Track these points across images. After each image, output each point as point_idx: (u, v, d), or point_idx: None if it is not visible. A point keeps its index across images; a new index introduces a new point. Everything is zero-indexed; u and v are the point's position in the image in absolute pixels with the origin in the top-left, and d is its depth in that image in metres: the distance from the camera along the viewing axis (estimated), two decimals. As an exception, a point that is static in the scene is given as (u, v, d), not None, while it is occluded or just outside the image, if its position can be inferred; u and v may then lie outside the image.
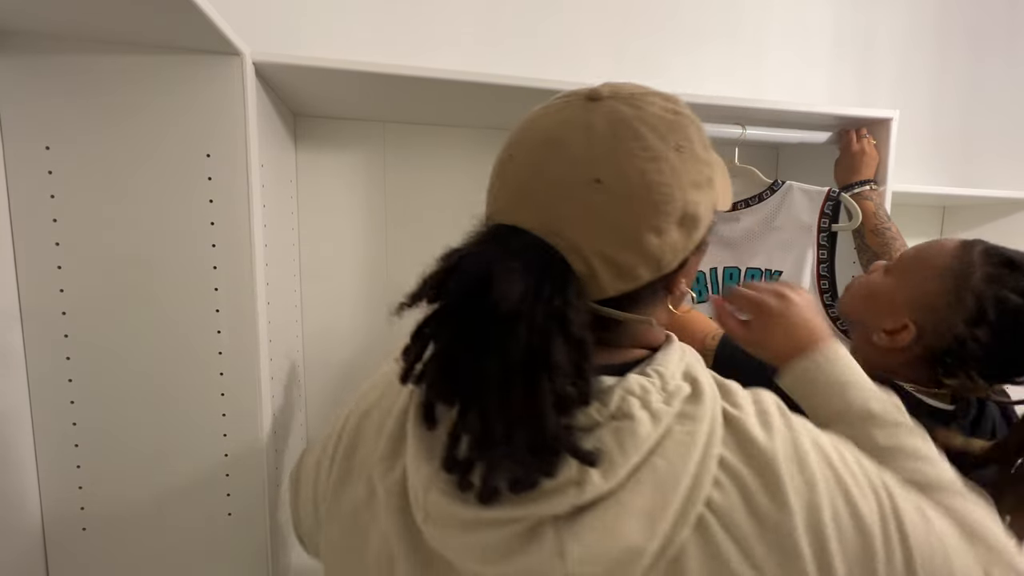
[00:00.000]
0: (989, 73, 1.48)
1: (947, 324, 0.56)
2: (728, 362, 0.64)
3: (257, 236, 0.69)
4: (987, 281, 0.55)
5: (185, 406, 0.69)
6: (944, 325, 0.56)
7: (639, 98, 0.38)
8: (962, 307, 0.55)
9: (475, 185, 1.17)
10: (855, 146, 0.98)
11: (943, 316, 0.56)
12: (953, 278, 0.57)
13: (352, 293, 1.06)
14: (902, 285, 0.61)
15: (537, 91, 0.82)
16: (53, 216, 0.64)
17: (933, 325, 0.57)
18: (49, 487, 0.67)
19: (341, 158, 1.03)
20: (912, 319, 0.58)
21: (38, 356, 0.65)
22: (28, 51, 0.60)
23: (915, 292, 0.59)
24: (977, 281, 0.55)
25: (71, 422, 0.67)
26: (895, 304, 0.60)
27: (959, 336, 0.55)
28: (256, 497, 0.72)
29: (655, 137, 0.36)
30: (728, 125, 0.97)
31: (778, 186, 0.94)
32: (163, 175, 0.65)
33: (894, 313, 0.59)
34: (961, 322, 0.55)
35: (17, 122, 0.62)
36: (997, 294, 0.54)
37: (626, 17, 1.15)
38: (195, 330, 0.68)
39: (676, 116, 0.38)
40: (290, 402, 0.93)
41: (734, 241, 0.97)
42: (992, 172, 1.51)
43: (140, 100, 0.64)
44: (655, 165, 0.35)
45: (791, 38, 1.27)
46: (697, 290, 1.00)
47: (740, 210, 0.97)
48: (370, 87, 0.81)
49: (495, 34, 1.08)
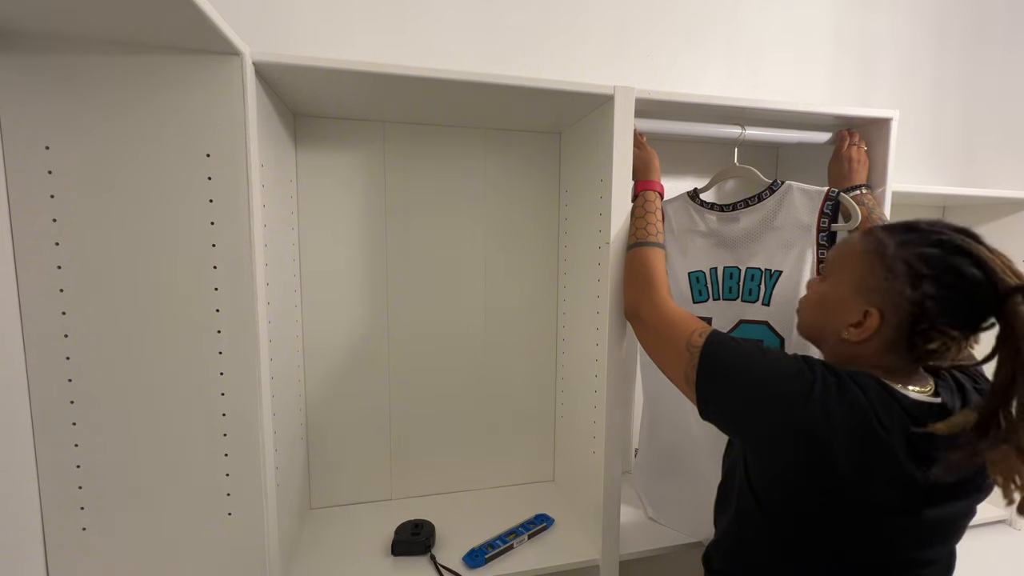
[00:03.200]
0: (989, 73, 1.48)
1: (898, 295, 0.59)
2: (714, 360, 0.65)
3: (257, 236, 0.69)
4: (902, 247, 0.60)
5: (185, 406, 0.69)
6: (896, 297, 0.59)
7: None
8: (898, 276, 0.59)
9: (475, 185, 1.19)
10: (845, 152, 0.99)
11: (889, 290, 0.60)
12: (876, 256, 0.62)
13: (352, 293, 1.06)
14: (841, 282, 0.65)
15: (537, 91, 0.82)
16: (53, 216, 0.64)
17: (887, 302, 0.60)
18: (49, 487, 0.67)
19: (341, 158, 1.03)
20: (869, 305, 0.61)
21: (38, 356, 0.65)
22: (28, 51, 0.61)
23: (855, 282, 0.63)
24: (895, 250, 0.60)
25: (71, 422, 0.67)
26: (845, 299, 0.63)
27: (913, 300, 0.58)
28: (256, 497, 0.72)
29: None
30: (728, 125, 0.97)
31: (777, 186, 0.94)
32: (163, 175, 0.66)
33: (849, 307, 0.63)
34: (907, 288, 0.59)
35: (17, 122, 0.62)
36: (916, 252, 0.59)
37: (626, 17, 1.15)
38: (195, 330, 0.68)
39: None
40: (290, 402, 0.93)
41: (734, 241, 0.97)
42: (992, 172, 1.51)
43: (140, 100, 0.64)
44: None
45: (791, 38, 1.27)
46: (697, 289, 1.00)
47: (740, 210, 0.97)
48: (370, 87, 0.81)
49: (495, 34, 1.08)
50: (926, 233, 0.60)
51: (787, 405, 0.58)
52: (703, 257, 1.00)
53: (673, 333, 0.71)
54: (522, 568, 0.89)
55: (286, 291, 0.92)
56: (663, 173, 0.99)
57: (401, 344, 1.10)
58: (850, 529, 0.58)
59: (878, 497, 0.56)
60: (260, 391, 0.71)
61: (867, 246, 0.63)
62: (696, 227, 1.01)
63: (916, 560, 0.61)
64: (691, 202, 1.02)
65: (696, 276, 1.00)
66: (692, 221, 1.01)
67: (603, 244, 0.89)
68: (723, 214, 0.99)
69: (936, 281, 0.57)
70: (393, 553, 0.92)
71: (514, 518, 1.03)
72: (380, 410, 1.11)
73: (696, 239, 1.01)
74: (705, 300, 1.00)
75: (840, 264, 0.66)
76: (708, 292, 0.99)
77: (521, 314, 1.16)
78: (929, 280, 0.57)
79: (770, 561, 0.66)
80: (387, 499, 1.13)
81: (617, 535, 0.93)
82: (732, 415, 0.64)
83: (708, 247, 1.00)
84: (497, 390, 1.17)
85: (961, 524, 0.63)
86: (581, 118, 0.99)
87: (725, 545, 0.72)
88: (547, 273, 1.17)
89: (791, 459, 0.59)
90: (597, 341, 0.93)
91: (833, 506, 0.58)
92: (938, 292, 0.57)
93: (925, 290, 0.57)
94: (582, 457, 1.02)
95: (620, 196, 0.86)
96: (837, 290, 0.65)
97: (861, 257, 0.63)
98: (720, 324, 0.98)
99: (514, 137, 1.11)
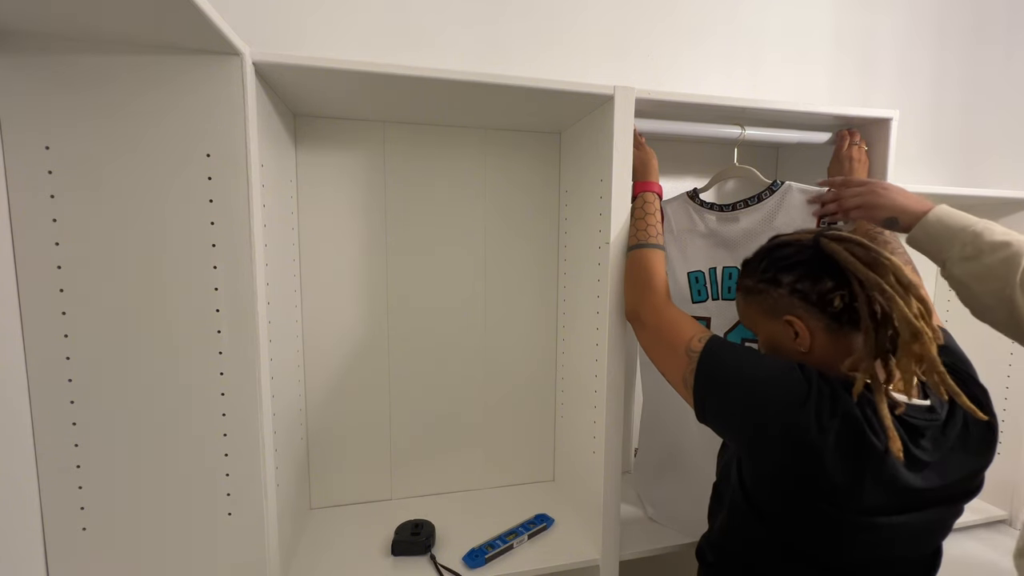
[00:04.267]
0: (989, 73, 1.48)
1: (783, 298, 0.65)
2: (713, 365, 0.65)
3: (257, 236, 0.69)
4: (758, 269, 0.68)
5: (185, 406, 0.69)
6: (784, 300, 0.65)
7: None
8: (768, 287, 0.66)
9: (475, 185, 1.19)
10: (845, 152, 0.99)
11: (777, 299, 0.66)
12: (750, 291, 0.70)
13: (352, 293, 1.06)
14: (758, 324, 0.70)
15: (537, 91, 0.82)
16: (53, 216, 0.64)
17: (787, 308, 0.65)
18: (49, 487, 0.67)
19: (341, 158, 1.03)
20: (783, 318, 0.65)
21: (38, 356, 0.65)
22: (28, 51, 0.61)
23: (763, 314, 0.68)
24: (757, 277, 0.68)
25: (71, 422, 0.67)
26: (772, 330, 0.68)
27: (790, 291, 0.64)
28: (256, 497, 0.72)
29: None
30: (728, 125, 0.97)
31: (777, 186, 0.94)
32: (163, 175, 0.66)
33: (779, 332, 0.67)
34: (777, 288, 0.65)
35: (17, 122, 0.62)
36: (764, 265, 0.68)
37: (626, 17, 1.15)
38: (195, 330, 0.68)
39: None
40: (290, 402, 0.93)
41: (734, 241, 0.97)
42: (992, 172, 1.51)
43: (140, 100, 0.64)
44: None
45: (791, 38, 1.27)
46: (697, 289, 1.00)
47: (739, 210, 0.97)
48: (370, 87, 0.81)
49: (495, 34, 1.08)
50: (753, 259, 0.71)
51: (782, 413, 0.58)
52: (702, 257, 1.00)
53: (673, 336, 0.71)
54: (522, 568, 0.89)
55: (286, 291, 0.92)
56: (663, 173, 0.99)
57: (401, 344, 1.10)
58: (840, 530, 0.59)
59: (869, 501, 0.57)
60: (260, 391, 0.71)
61: (741, 296, 0.72)
62: (695, 227, 1.01)
63: (904, 558, 0.62)
64: (691, 202, 1.01)
65: (695, 276, 1.00)
66: (692, 221, 1.01)
67: (603, 244, 0.89)
68: (723, 214, 0.99)
69: (782, 270, 0.65)
70: (393, 553, 0.92)
71: (514, 518, 1.03)
72: (380, 410, 1.11)
73: (696, 239, 1.01)
74: (704, 300, 1.00)
75: (744, 314, 0.73)
76: (707, 292, 0.99)
77: (521, 314, 1.16)
78: (780, 272, 0.65)
79: (760, 558, 0.66)
80: (387, 499, 1.13)
81: (617, 535, 0.93)
82: (728, 420, 0.65)
83: (708, 247, 1.00)
84: (497, 389, 1.17)
85: (949, 523, 0.63)
86: (581, 118, 0.99)
87: (718, 540, 0.73)
88: (547, 273, 1.17)
89: (783, 464, 0.59)
90: (597, 341, 0.93)
91: (823, 509, 0.58)
92: (792, 276, 0.64)
93: (786, 281, 0.65)
94: (582, 457, 1.02)
95: (620, 196, 0.86)
96: (763, 330, 0.70)
97: (746, 307, 0.72)
98: (719, 324, 0.98)
99: (514, 137, 1.11)
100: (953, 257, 0.67)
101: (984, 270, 0.64)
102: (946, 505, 0.60)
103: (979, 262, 0.65)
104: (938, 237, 0.70)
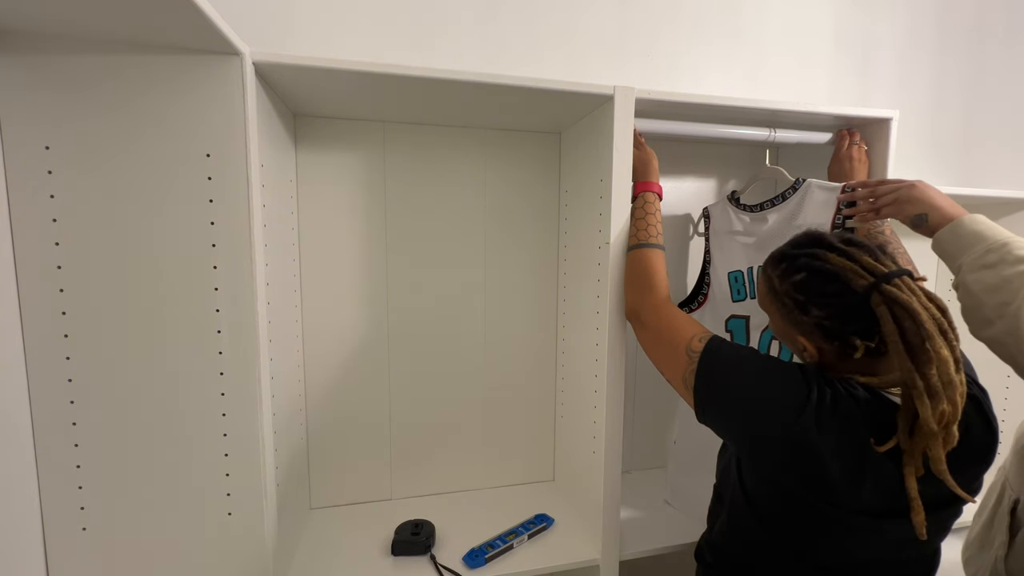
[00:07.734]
0: (989, 72, 1.48)
1: (805, 324, 0.62)
2: (713, 365, 0.65)
3: (257, 236, 0.69)
4: (782, 280, 0.64)
5: (185, 406, 0.69)
6: (806, 326, 0.62)
7: None
8: (792, 309, 0.62)
9: (475, 185, 1.18)
10: (845, 152, 0.99)
11: (798, 321, 0.62)
12: (773, 295, 0.65)
13: (352, 293, 1.06)
14: (773, 321, 0.68)
15: (537, 91, 0.82)
16: (53, 216, 0.64)
17: (804, 330, 0.62)
18: (49, 487, 0.67)
19: (341, 158, 1.03)
20: (798, 336, 0.64)
21: (38, 356, 0.65)
22: (28, 51, 0.61)
23: (779, 320, 0.66)
24: (779, 285, 0.64)
25: (71, 422, 0.67)
26: (785, 334, 0.67)
27: (815, 324, 0.61)
28: (256, 497, 0.72)
29: None
30: (728, 125, 0.97)
31: (799, 184, 0.97)
32: (163, 175, 0.66)
33: (790, 341, 0.66)
34: (803, 316, 0.61)
35: (17, 122, 0.62)
36: (791, 283, 0.62)
37: (626, 17, 1.15)
38: (195, 330, 0.68)
39: None
40: (290, 402, 0.93)
41: (765, 241, 0.99)
42: (992, 172, 1.51)
43: (140, 100, 0.64)
44: None
45: (791, 38, 1.27)
46: (736, 289, 1.02)
47: (767, 209, 1.00)
48: (370, 87, 0.81)
49: (495, 34, 1.08)
50: (791, 259, 0.64)
51: (781, 413, 0.58)
52: (741, 257, 1.03)
53: (673, 336, 0.71)
54: (522, 568, 0.89)
55: (286, 291, 0.92)
56: (663, 173, 1.00)
57: (401, 343, 1.10)
58: (840, 531, 0.59)
59: (869, 502, 0.57)
60: (260, 391, 0.71)
61: (765, 287, 0.68)
62: (734, 228, 1.05)
63: (904, 559, 0.62)
64: (730, 204, 1.06)
65: (735, 276, 1.03)
66: (731, 222, 1.06)
67: (603, 244, 0.89)
68: (754, 214, 1.03)
69: (816, 305, 0.60)
70: (393, 553, 0.92)
71: (514, 518, 1.03)
72: (380, 410, 1.11)
73: (735, 239, 1.05)
74: (743, 299, 1.02)
75: (761, 298, 0.70)
76: (746, 291, 1.02)
77: (521, 314, 1.16)
78: (813, 305, 0.61)
79: (760, 559, 0.66)
80: (387, 499, 1.13)
81: (617, 535, 0.93)
82: (728, 420, 0.65)
83: (746, 247, 1.03)
84: (497, 389, 1.17)
85: (948, 524, 0.63)
86: (581, 118, 0.99)
87: (718, 541, 0.73)
88: (547, 273, 1.17)
89: (783, 464, 0.59)
90: (597, 341, 0.93)
91: (823, 510, 0.58)
92: (823, 312, 0.60)
93: (815, 314, 0.60)
94: (582, 457, 1.02)
95: (620, 196, 0.86)
96: (776, 327, 0.68)
97: (766, 298, 0.68)
98: (757, 323, 1.00)
99: (514, 137, 1.11)
100: (971, 262, 0.65)
101: (999, 281, 0.63)
102: (945, 506, 0.60)
103: (996, 271, 0.63)
104: (964, 239, 0.67)
